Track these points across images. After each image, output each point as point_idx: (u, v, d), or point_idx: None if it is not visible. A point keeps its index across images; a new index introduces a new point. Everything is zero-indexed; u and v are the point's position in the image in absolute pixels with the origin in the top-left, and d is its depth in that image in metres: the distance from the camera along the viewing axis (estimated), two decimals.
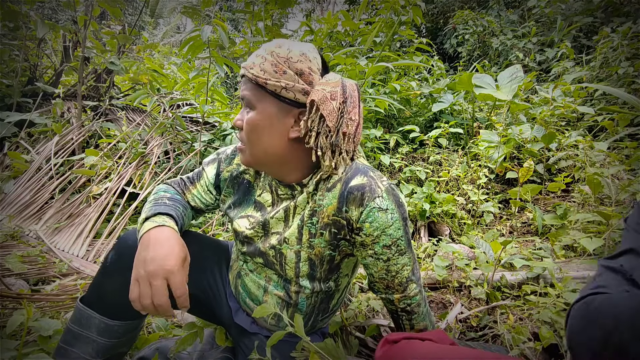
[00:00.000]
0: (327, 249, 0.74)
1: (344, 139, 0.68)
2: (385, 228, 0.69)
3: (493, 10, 6.15)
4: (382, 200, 0.68)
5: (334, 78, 0.69)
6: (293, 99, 0.67)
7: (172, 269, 0.65)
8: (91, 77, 3.24)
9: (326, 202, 0.71)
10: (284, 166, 0.73)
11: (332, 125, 0.66)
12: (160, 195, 0.83)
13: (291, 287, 0.79)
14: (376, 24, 2.85)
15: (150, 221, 0.73)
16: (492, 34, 5.51)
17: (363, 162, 0.75)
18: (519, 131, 2.05)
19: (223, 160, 0.86)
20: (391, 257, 0.73)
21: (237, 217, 0.83)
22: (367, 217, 0.68)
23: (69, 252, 1.84)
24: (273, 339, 0.67)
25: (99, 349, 0.77)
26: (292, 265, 0.76)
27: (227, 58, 2.60)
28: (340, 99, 0.67)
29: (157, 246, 0.67)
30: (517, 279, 1.35)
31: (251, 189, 0.83)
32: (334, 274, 0.78)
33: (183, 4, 10.45)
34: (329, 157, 0.68)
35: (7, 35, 2.98)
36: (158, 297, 0.63)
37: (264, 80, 0.65)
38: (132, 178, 2.36)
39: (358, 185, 0.69)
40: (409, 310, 0.79)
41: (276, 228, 0.77)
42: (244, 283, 0.84)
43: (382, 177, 0.72)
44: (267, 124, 0.68)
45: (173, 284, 0.64)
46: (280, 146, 0.70)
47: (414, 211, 1.99)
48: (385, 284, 0.77)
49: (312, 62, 0.67)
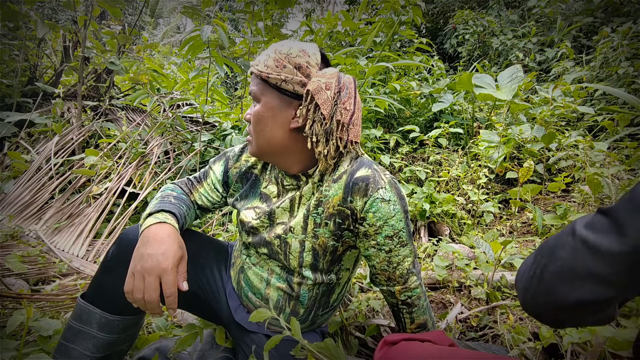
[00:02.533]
0: (331, 239, 0.76)
1: (337, 127, 0.71)
2: (387, 219, 0.72)
3: (493, 10, 6.15)
4: (385, 191, 0.71)
5: (330, 71, 0.73)
6: (292, 91, 0.71)
7: (167, 268, 0.68)
8: (91, 77, 3.24)
9: (332, 192, 0.74)
10: (288, 156, 0.77)
11: (326, 114, 0.69)
12: (167, 194, 0.86)
13: (294, 278, 0.80)
14: (376, 24, 2.86)
15: (152, 217, 0.76)
16: (492, 34, 5.51)
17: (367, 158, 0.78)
18: (519, 131, 2.05)
19: (231, 158, 0.90)
20: (393, 248, 0.75)
21: (243, 209, 0.86)
22: (370, 207, 0.71)
23: (69, 252, 1.84)
24: (270, 343, 0.68)
25: (99, 345, 0.78)
26: (296, 254, 0.78)
27: (227, 58, 2.60)
28: (335, 89, 0.70)
29: (155, 243, 0.70)
30: None
31: (257, 182, 0.87)
32: (335, 265, 0.80)
33: (183, 4, 10.46)
34: (322, 143, 0.71)
35: (7, 35, 2.98)
36: (149, 293, 0.66)
37: (267, 74, 0.71)
38: (132, 178, 2.36)
39: (363, 177, 0.72)
40: (409, 302, 0.81)
41: (282, 218, 0.80)
42: (247, 277, 0.86)
43: (385, 171, 0.75)
44: (269, 115, 0.73)
45: (165, 282, 0.67)
46: (283, 136, 0.74)
47: (414, 211, 1.99)
48: (386, 276, 0.79)
49: (310, 57, 0.72)
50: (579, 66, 3.60)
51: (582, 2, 4.88)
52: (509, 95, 2.44)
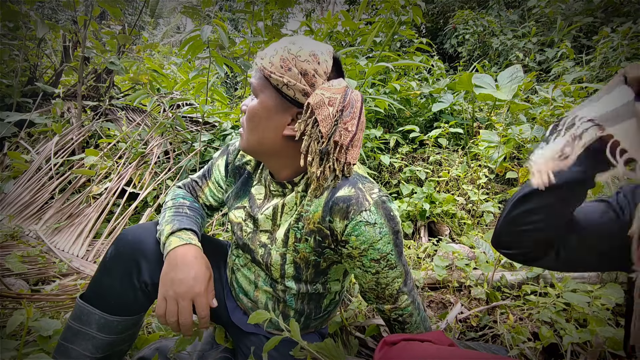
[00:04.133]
0: (312, 254, 0.73)
1: (335, 149, 0.66)
2: (372, 242, 0.67)
3: (493, 10, 6.15)
4: (369, 214, 0.66)
5: (338, 85, 0.67)
6: (293, 97, 0.66)
7: (200, 292, 0.69)
8: (91, 77, 3.24)
9: (313, 208, 0.70)
10: (276, 160, 0.73)
11: (324, 132, 0.64)
12: (180, 203, 0.85)
13: (278, 285, 0.80)
14: (376, 24, 2.86)
15: (176, 237, 0.75)
16: (492, 34, 5.51)
17: (357, 170, 0.73)
18: (519, 131, 2.05)
19: (231, 152, 0.88)
20: (380, 271, 0.72)
21: (233, 208, 0.85)
22: (353, 231, 0.66)
23: (69, 252, 1.84)
24: (269, 344, 0.68)
25: (98, 346, 0.77)
26: (277, 267, 0.76)
27: (227, 58, 2.60)
28: (338, 106, 0.65)
29: (185, 267, 0.70)
30: (517, 279, 1.35)
31: (249, 180, 0.85)
32: (320, 277, 0.79)
33: (183, 4, 10.45)
34: (316, 163, 0.66)
35: (7, 35, 2.98)
36: (184, 317, 0.68)
37: (269, 72, 0.66)
38: (132, 178, 2.36)
39: (344, 197, 0.67)
40: (401, 320, 0.80)
41: (264, 226, 0.78)
42: (237, 278, 0.86)
43: (373, 189, 0.69)
44: (264, 115, 0.68)
45: (198, 306, 0.69)
46: (274, 140, 0.69)
47: (414, 211, 1.99)
48: (375, 294, 0.77)
49: (319, 65, 0.65)
50: (579, 66, 3.60)
51: (582, 2, 4.88)
52: (509, 95, 2.44)
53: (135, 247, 0.77)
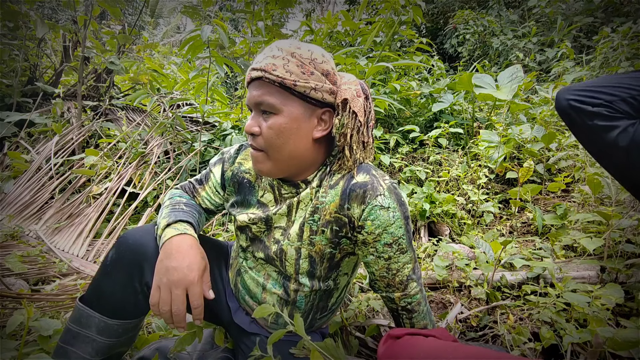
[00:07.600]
0: (328, 246, 0.74)
1: (368, 133, 0.72)
2: (387, 226, 0.70)
3: (493, 10, 6.15)
4: (383, 198, 0.69)
5: (349, 77, 0.72)
6: (320, 99, 0.68)
7: (193, 280, 0.68)
8: (91, 77, 3.24)
9: (329, 199, 0.73)
10: (301, 167, 0.74)
11: (362, 121, 0.70)
12: (177, 200, 0.85)
13: (290, 284, 0.79)
14: (376, 24, 2.85)
15: (171, 228, 0.75)
16: (492, 34, 5.51)
17: (367, 161, 0.77)
18: (519, 131, 2.05)
19: (227, 160, 0.88)
20: (392, 256, 0.73)
21: (239, 215, 0.84)
22: (369, 215, 0.69)
23: (69, 252, 1.84)
24: (274, 337, 0.68)
25: (98, 349, 0.77)
26: (292, 262, 0.76)
27: (227, 58, 2.60)
28: (363, 95, 0.71)
29: (179, 255, 0.69)
30: (517, 279, 1.35)
31: (252, 190, 0.84)
32: (333, 272, 0.79)
33: (183, 4, 10.44)
34: (360, 150, 0.72)
35: (7, 35, 2.98)
36: (177, 306, 0.67)
37: (293, 82, 0.65)
38: (132, 178, 2.36)
39: (360, 183, 0.70)
40: (409, 308, 0.80)
41: (279, 222, 0.78)
42: (243, 280, 0.85)
43: (385, 176, 0.73)
44: (294, 126, 0.68)
45: (192, 294, 0.68)
46: (306, 147, 0.71)
47: (414, 211, 1.99)
48: (385, 282, 0.78)
49: (331, 62, 0.70)
50: (579, 66, 3.60)
51: (582, 2, 4.88)
52: (509, 95, 2.44)
53: (137, 250, 0.77)
